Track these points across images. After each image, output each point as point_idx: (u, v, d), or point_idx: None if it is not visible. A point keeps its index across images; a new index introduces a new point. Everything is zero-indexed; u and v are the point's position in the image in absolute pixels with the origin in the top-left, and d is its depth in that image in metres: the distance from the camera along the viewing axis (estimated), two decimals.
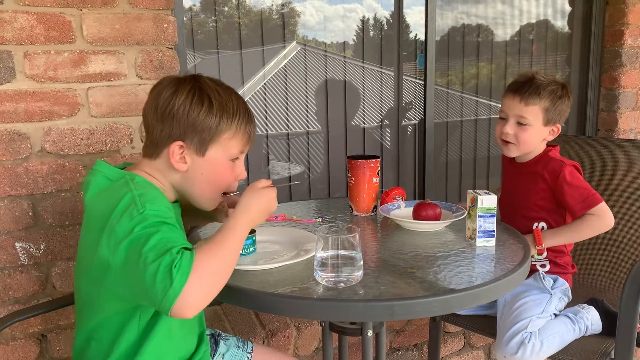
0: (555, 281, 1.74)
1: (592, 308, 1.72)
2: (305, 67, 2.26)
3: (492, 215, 1.42)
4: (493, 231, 1.42)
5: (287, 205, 1.87)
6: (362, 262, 1.17)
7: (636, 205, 1.95)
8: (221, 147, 1.20)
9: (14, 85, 1.56)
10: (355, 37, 2.35)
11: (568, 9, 2.81)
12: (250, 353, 1.46)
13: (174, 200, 1.24)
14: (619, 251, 1.98)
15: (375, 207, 1.75)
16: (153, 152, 1.20)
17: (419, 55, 2.46)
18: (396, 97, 2.46)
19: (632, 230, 1.94)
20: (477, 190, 1.45)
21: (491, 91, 2.69)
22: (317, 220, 1.68)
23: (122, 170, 1.18)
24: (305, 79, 2.27)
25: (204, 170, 1.20)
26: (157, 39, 1.72)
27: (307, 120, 2.29)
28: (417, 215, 1.59)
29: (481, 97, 2.68)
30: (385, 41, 2.40)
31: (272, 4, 2.15)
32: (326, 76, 2.31)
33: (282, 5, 2.18)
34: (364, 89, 2.39)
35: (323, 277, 1.16)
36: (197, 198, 1.24)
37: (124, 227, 1.02)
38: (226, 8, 2.09)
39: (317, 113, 2.31)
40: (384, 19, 2.38)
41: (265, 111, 2.21)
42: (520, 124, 1.71)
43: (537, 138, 1.73)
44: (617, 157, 2.02)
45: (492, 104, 2.71)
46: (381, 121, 2.45)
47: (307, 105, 2.29)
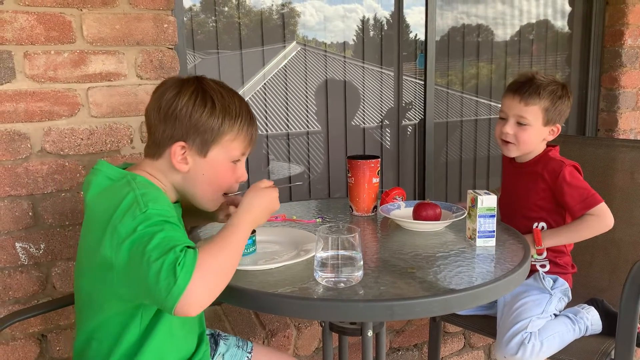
0: (555, 281, 1.74)
1: (592, 308, 1.72)
2: (305, 67, 2.26)
3: (492, 216, 1.42)
4: (493, 231, 1.42)
5: (287, 205, 1.87)
6: (362, 262, 1.17)
7: (636, 205, 1.95)
8: (223, 149, 1.20)
9: (14, 86, 1.56)
10: (355, 37, 2.35)
11: (568, 9, 2.81)
12: (250, 353, 1.46)
13: (174, 201, 1.24)
14: (619, 251, 1.98)
15: (375, 207, 1.75)
16: (155, 153, 1.20)
17: (419, 55, 2.45)
18: (396, 97, 2.46)
19: (632, 231, 1.94)
20: (477, 191, 1.45)
21: (491, 91, 2.69)
22: (317, 220, 1.68)
23: (123, 170, 1.18)
24: (305, 79, 2.27)
25: (205, 171, 1.21)
26: (157, 39, 1.72)
27: (307, 121, 2.29)
28: (417, 216, 1.59)
29: (481, 97, 2.68)
30: (385, 41, 2.40)
31: (272, 4, 2.15)
32: (326, 76, 2.31)
33: (282, 5, 2.18)
34: (364, 89, 2.39)
35: (323, 277, 1.16)
36: (199, 199, 1.25)
37: (127, 226, 1.02)
38: (226, 8, 2.09)
39: (317, 113, 2.31)
40: (384, 19, 2.38)
41: (265, 111, 2.21)
42: (520, 124, 1.71)
43: (537, 138, 1.73)
44: (617, 157, 2.02)
45: (492, 104, 2.71)
46: (381, 121, 2.45)
47: (307, 106, 2.29)
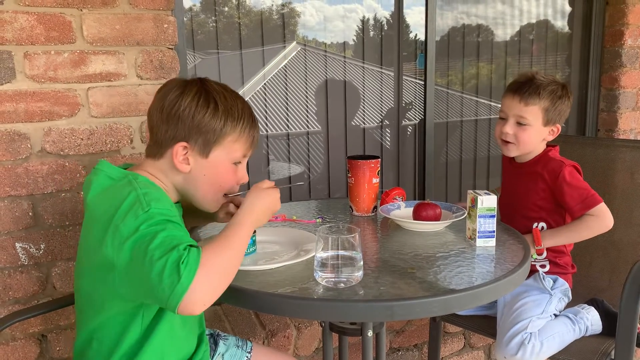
0: (555, 281, 1.74)
1: (592, 308, 1.72)
2: (305, 68, 2.26)
3: (492, 216, 1.42)
4: (493, 231, 1.42)
5: (287, 205, 1.87)
6: (362, 263, 1.17)
7: (636, 206, 1.95)
8: (225, 150, 1.21)
9: (14, 86, 1.56)
10: (355, 38, 2.35)
11: (568, 9, 2.81)
12: (249, 353, 1.46)
13: (175, 201, 1.25)
14: (618, 251, 1.97)
15: (375, 207, 1.75)
16: (156, 153, 1.21)
17: (419, 56, 2.45)
18: (396, 97, 2.46)
19: (632, 231, 1.94)
20: (477, 191, 1.45)
21: (491, 91, 2.69)
22: (317, 220, 1.68)
23: (124, 170, 1.19)
24: (305, 79, 2.27)
25: (207, 172, 1.21)
26: (157, 39, 1.72)
27: (307, 121, 2.29)
28: (417, 216, 1.59)
29: (481, 97, 2.68)
30: (385, 41, 2.40)
31: (272, 4, 2.15)
32: (326, 76, 2.31)
33: (282, 5, 2.18)
34: (364, 89, 2.39)
35: (323, 278, 1.16)
36: (200, 199, 1.25)
37: (129, 226, 1.02)
38: (226, 8, 2.09)
39: (317, 113, 2.31)
40: (384, 19, 2.38)
41: (265, 111, 2.21)
42: (520, 124, 1.71)
43: (536, 138, 1.73)
44: (617, 158, 2.02)
45: (492, 104, 2.71)
46: (381, 121, 2.45)
47: (307, 106, 2.29)
